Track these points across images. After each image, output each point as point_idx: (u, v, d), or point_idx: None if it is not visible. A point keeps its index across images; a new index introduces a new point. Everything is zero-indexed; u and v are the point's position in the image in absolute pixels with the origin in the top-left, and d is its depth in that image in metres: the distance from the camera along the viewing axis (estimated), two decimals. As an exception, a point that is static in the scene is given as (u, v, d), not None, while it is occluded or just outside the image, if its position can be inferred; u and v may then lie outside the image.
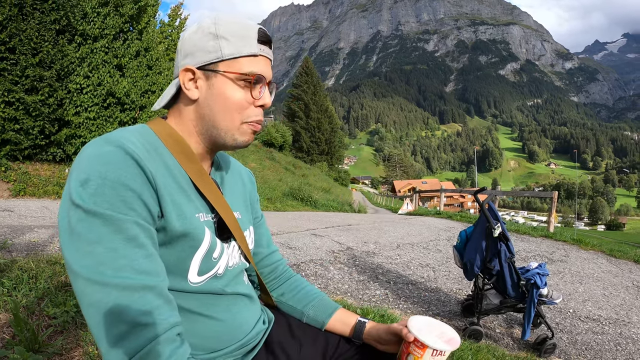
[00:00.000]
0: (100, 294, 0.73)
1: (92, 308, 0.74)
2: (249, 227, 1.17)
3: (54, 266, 2.62)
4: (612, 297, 4.78)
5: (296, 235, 6.22)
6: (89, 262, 0.74)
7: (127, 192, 0.78)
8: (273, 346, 1.15)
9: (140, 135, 0.90)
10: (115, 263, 0.75)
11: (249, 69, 0.94)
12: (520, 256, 6.21)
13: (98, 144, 0.81)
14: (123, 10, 10.06)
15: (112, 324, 0.73)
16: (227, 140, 0.98)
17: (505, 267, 3.28)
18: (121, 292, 0.74)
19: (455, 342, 0.95)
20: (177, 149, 0.95)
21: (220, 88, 0.94)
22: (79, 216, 0.75)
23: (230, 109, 0.95)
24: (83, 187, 0.76)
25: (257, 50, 0.95)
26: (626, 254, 6.83)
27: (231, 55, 0.94)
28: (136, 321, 0.74)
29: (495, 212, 3.35)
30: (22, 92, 8.04)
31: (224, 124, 0.96)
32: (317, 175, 31.75)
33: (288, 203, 14.40)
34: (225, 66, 0.94)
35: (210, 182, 1.00)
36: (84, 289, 0.74)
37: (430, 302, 4.11)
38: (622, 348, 3.50)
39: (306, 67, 48.69)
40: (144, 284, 0.76)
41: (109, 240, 0.75)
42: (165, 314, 0.78)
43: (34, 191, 8.08)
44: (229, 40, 0.93)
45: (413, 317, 1.01)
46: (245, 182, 1.25)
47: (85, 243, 0.75)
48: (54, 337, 1.88)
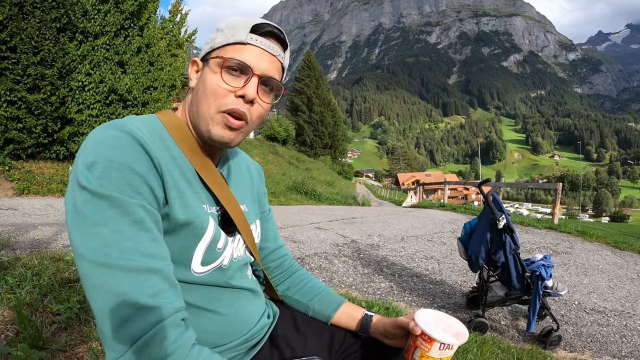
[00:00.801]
0: (105, 275, 0.73)
1: (97, 291, 0.73)
2: (256, 221, 1.17)
3: (57, 263, 2.62)
4: (617, 289, 4.76)
5: (300, 229, 6.22)
6: (94, 244, 0.74)
7: (134, 176, 0.78)
8: (278, 340, 1.14)
9: (147, 123, 0.90)
10: (121, 245, 0.74)
11: (231, 54, 0.93)
12: (525, 248, 6.19)
13: (105, 128, 0.81)
14: (123, 6, 10.03)
15: (116, 306, 0.72)
16: (203, 129, 0.95)
17: (510, 259, 3.27)
18: (126, 274, 0.73)
19: (463, 335, 0.94)
20: (183, 140, 0.95)
21: (204, 74, 0.96)
22: (85, 198, 0.75)
23: (208, 93, 0.93)
24: (89, 170, 0.75)
25: (244, 38, 0.93)
26: (631, 245, 6.81)
27: (220, 44, 0.95)
28: (141, 304, 0.73)
29: (500, 203, 3.33)
30: (24, 91, 8.05)
31: (202, 110, 0.94)
32: (321, 168, 31.75)
33: (292, 197, 14.40)
34: (214, 54, 0.95)
35: (215, 175, 1.00)
36: (89, 271, 0.74)
37: (435, 295, 4.10)
38: (627, 340, 3.49)
39: (308, 60, 48.57)
40: (149, 266, 0.76)
41: (115, 222, 0.75)
42: (170, 297, 0.77)
43: (37, 189, 8.10)
44: (223, 31, 0.95)
45: (420, 311, 1.00)
46: (254, 175, 1.24)
47: (91, 225, 0.74)
48: (58, 333, 1.88)
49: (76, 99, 9.17)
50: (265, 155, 24.24)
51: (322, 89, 47.43)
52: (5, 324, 1.86)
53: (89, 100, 9.35)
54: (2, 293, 2.07)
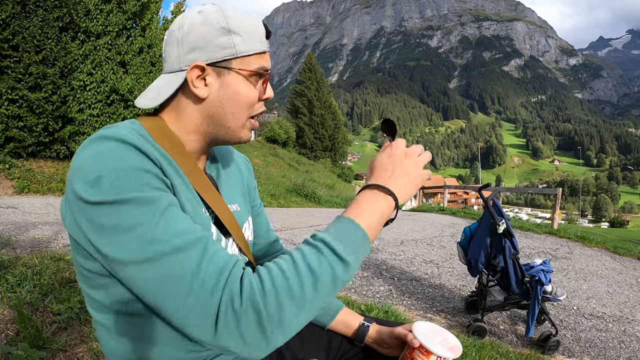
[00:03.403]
0: (164, 265, 0.72)
1: (158, 285, 0.73)
2: (248, 218, 1.16)
3: (58, 262, 2.63)
4: (616, 294, 4.76)
5: (300, 232, 6.22)
6: (133, 246, 0.72)
7: (144, 174, 0.76)
8: (275, 344, 1.14)
9: (131, 129, 0.86)
10: (160, 234, 0.73)
11: (259, 65, 0.93)
12: (524, 253, 6.19)
13: (96, 142, 0.78)
14: (126, 7, 10.06)
15: (186, 287, 0.72)
16: (231, 138, 0.96)
17: (510, 264, 3.27)
18: (175, 255, 0.73)
19: (458, 350, 0.96)
20: (168, 146, 0.90)
21: (234, 86, 0.91)
22: (105, 211, 0.73)
23: (242, 106, 0.93)
24: (97, 186, 0.73)
25: (266, 47, 0.94)
26: (630, 251, 6.81)
27: (246, 53, 0.90)
28: (202, 273, 0.73)
29: (500, 208, 3.33)
30: (25, 90, 8.06)
31: (234, 122, 0.94)
32: (321, 171, 31.75)
33: (292, 199, 14.39)
34: (238, 63, 0.91)
35: (204, 180, 0.97)
36: (136, 273, 0.73)
37: (434, 299, 4.10)
38: (625, 345, 3.49)
39: (309, 63, 48.58)
40: (192, 239, 0.75)
41: (145, 219, 0.73)
42: (222, 256, 0.77)
43: (37, 188, 8.10)
44: (242, 37, 0.90)
45: (417, 323, 1.02)
46: (242, 170, 1.22)
47: (122, 232, 0.72)
48: (58, 333, 1.89)
49: (77, 98, 9.18)
50: (266, 157, 24.25)
51: (323, 92, 47.42)
52: (5, 323, 1.86)
53: (90, 99, 9.37)
54: (2, 292, 2.07)
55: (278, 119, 38.59)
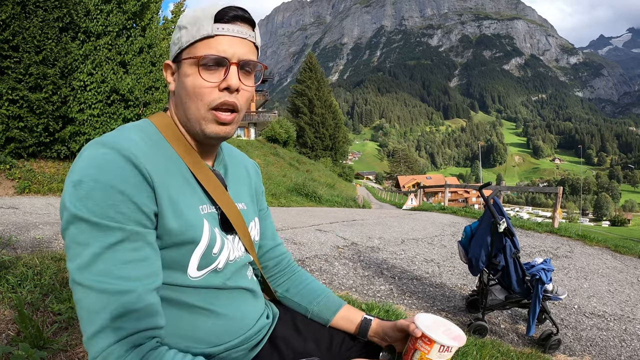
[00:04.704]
0: (82, 294, 0.79)
1: (77, 305, 0.80)
2: (254, 218, 1.17)
3: (58, 263, 2.63)
4: (617, 293, 4.76)
5: (301, 231, 6.21)
6: (75, 264, 0.80)
7: (117, 196, 0.80)
8: (277, 342, 1.15)
9: (140, 131, 0.92)
10: (96, 268, 0.79)
11: (203, 51, 0.92)
12: (525, 252, 6.18)
13: (94, 146, 0.84)
14: (126, 7, 10.06)
15: (88, 322, 0.78)
16: (197, 129, 0.97)
17: (511, 263, 3.27)
18: (98, 295, 0.78)
19: (462, 338, 0.96)
20: (176, 141, 0.97)
21: (183, 76, 0.95)
22: (68, 218, 0.80)
23: (192, 95, 0.94)
24: (75, 189, 0.80)
25: (210, 31, 0.92)
26: (631, 250, 6.79)
27: (187, 43, 0.94)
28: (105, 324, 0.78)
29: (501, 207, 3.33)
30: (26, 90, 8.07)
31: (191, 112, 0.96)
32: (322, 170, 31.76)
33: (292, 199, 14.39)
34: (185, 54, 0.95)
35: (209, 175, 1.00)
36: (72, 285, 0.81)
37: (435, 298, 4.10)
38: (627, 344, 3.49)
39: (310, 62, 48.61)
40: (120, 289, 0.79)
41: (93, 245, 0.79)
42: (131, 322, 0.80)
43: (38, 188, 8.11)
44: (187, 29, 0.95)
45: (419, 315, 1.01)
46: (251, 173, 1.24)
47: (74, 244, 0.80)
48: (59, 333, 1.89)
49: (78, 98, 9.19)
50: (266, 157, 24.25)
51: (323, 91, 47.46)
52: (6, 323, 1.86)
53: (90, 100, 9.37)
54: (3, 292, 2.07)
55: (279, 118, 38.55)
